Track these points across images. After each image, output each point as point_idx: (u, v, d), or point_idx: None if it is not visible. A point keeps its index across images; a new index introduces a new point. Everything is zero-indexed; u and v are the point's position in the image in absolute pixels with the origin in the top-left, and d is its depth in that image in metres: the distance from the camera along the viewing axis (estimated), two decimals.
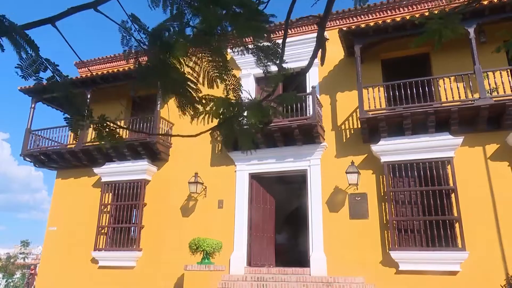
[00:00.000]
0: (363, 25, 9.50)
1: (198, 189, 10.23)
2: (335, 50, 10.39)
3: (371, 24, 9.37)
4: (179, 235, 10.20)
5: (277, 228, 11.47)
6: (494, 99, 8.19)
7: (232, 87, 2.63)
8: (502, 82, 8.46)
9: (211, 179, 10.49)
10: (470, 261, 7.85)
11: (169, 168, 11.20)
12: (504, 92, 8.40)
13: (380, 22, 9.26)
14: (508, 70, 8.55)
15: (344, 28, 9.54)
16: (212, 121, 2.71)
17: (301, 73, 2.87)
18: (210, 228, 9.95)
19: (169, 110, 11.16)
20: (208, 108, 2.65)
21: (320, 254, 8.99)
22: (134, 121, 11.32)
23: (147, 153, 11.01)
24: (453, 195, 8.38)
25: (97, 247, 10.87)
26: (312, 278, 8.52)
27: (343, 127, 9.92)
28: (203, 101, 2.60)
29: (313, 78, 10.55)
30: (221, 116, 2.76)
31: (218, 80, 2.58)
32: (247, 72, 11.04)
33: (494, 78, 8.56)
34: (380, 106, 9.19)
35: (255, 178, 10.34)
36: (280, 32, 10.63)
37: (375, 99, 9.22)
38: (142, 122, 11.14)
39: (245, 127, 2.78)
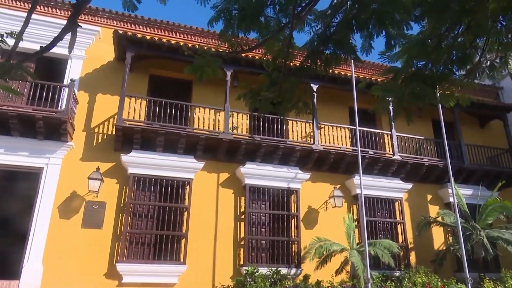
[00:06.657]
0: (140, 35, 9.50)
1: None
2: (106, 50, 9.93)
3: (148, 37, 9.49)
4: None
5: None
6: (234, 135, 9.68)
7: None
8: (242, 124, 10.16)
9: None
10: (187, 273, 8.68)
11: None
12: (242, 131, 10.08)
13: (156, 38, 9.49)
14: (248, 114, 10.33)
15: (121, 31, 9.27)
16: None
17: (40, 51, 2.56)
18: None
19: None
20: None
21: (36, 265, 7.92)
22: None
23: None
24: (186, 213, 9.18)
25: None
26: None
27: (96, 130, 9.38)
28: None
29: (74, 71, 9.62)
30: None
31: None
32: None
33: (237, 118, 10.16)
34: (139, 118, 9.24)
35: None
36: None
37: (136, 110, 9.22)
38: None
39: None
